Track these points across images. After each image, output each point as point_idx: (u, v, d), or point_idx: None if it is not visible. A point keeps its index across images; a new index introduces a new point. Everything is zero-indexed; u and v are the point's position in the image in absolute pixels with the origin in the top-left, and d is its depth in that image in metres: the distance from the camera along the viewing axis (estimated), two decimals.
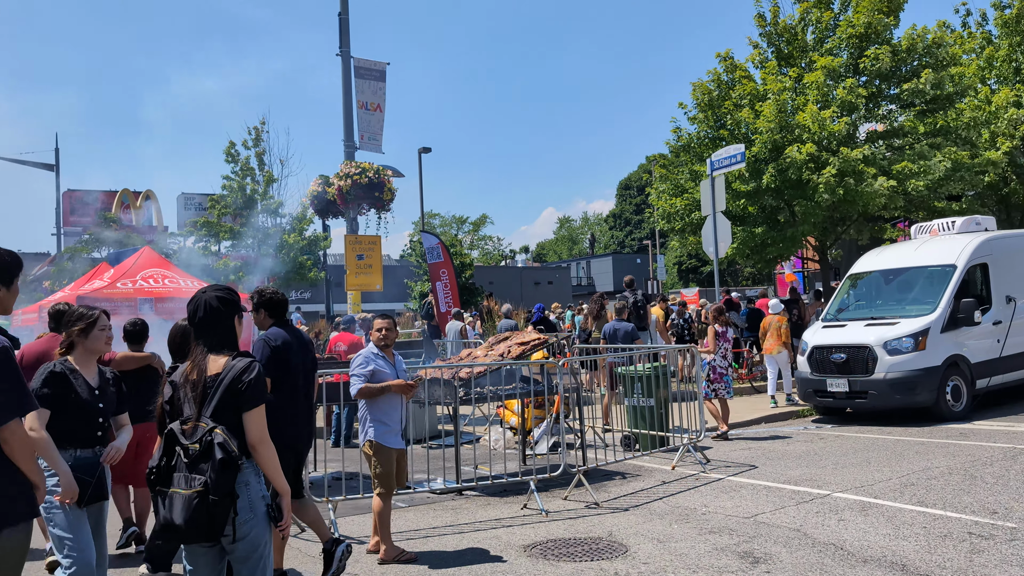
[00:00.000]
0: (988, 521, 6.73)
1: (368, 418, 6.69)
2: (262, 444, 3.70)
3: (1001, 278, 13.02)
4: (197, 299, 3.90)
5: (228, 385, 3.67)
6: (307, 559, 6.71)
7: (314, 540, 7.27)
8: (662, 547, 6.57)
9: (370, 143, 20.92)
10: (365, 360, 6.72)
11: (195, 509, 3.49)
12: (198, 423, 3.64)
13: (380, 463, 6.61)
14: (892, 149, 18.65)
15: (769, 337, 14.24)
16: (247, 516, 3.64)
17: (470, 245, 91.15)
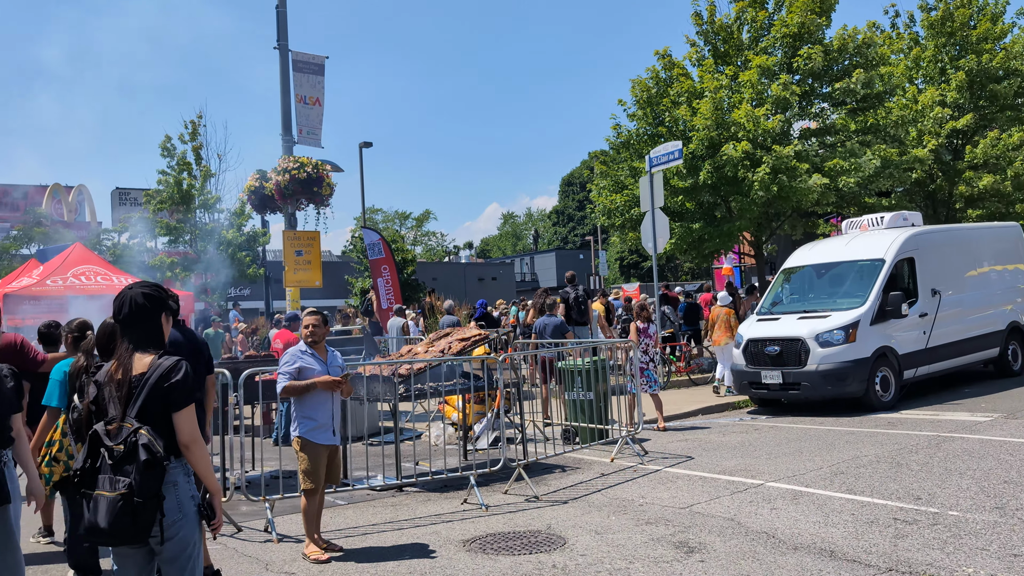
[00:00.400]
0: (912, 507, 6.97)
1: (295, 415, 6.68)
2: (194, 443, 3.65)
3: (927, 272, 13.45)
4: (123, 296, 3.82)
5: (154, 384, 3.61)
6: (243, 559, 6.64)
7: (249, 539, 7.21)
8: (600, 539, 6.66)
9: (309, 137, 20.68)
10: (292, 358, 6.72)
11: (120, 511, 3.43)
12: (123, 424, 3.57)
13: (306, 459, 6.60)
14: (824, 146, 19.11)
15: (717, 329, 14.68)
16: (175, 517, 3.59)
17: (413, 241, 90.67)
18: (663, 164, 16.90)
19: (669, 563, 5.93)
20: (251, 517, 7.85)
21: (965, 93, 22.13)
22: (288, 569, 6.29)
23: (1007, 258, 15.22)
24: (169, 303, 3.93)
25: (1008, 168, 21.23)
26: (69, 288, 15.61)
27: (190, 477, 3.70)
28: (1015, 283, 15.12)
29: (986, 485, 7.47)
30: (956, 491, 7.35)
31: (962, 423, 10.72)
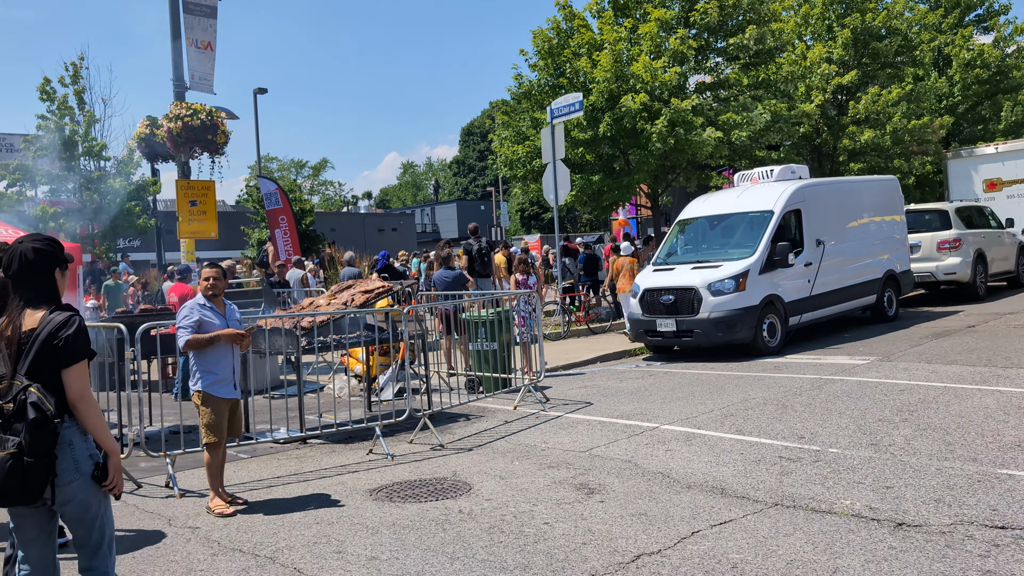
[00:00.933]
0: (796, 445, 7.42)
1: (196, 369, 6.62)
2: (82, 401, 3.55)
3: (812, 223, 14.09)
4: (12, 250, 3.69)
5: (44, 340, 3.51)
6: (144, 515, 6.58)
7: (150, 495, 7.14)
8: (504, 483, 6.86)
9: (201, 83, 19.92)
10: (191, 311, 6.64)
11: (8, 471, 3.36)
12: (12, 381, 3.49)
13: (208, 413, 6.58)
14: (718, 100, 19.60)
15: (621, 278, 15.29)
16: (71, 477, 3.53)
17: (310, 191, 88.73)
18: (564, 116, 17.03)
19: (571, 504, 6.17)
20: (151, 473, 7.74)
21: (850, 50, 23.00)
22: (192, 524, 6.27)
23: (885, 210, 16.06)
24: (63, 257, 3.79)
25: (887, 123, 22.27)
26: None
27: (88, 437, 3.63)
28: (891, 233, 16.00)
29: (863, 424, 8.00)
30: (836, 430, 7.86)
31: (842, 366, 11.40)
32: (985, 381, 9.54)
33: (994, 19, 28.53)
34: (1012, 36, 28.07)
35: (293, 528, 6.03)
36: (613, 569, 4.87)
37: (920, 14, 25.72)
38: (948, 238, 17.57)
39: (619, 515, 5.84)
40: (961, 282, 17.65)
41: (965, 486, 5.90)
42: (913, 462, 6.59)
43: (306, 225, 29.82)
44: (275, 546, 5.67)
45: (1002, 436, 7.15)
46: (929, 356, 11.53)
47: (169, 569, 5.35)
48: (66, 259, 3.82)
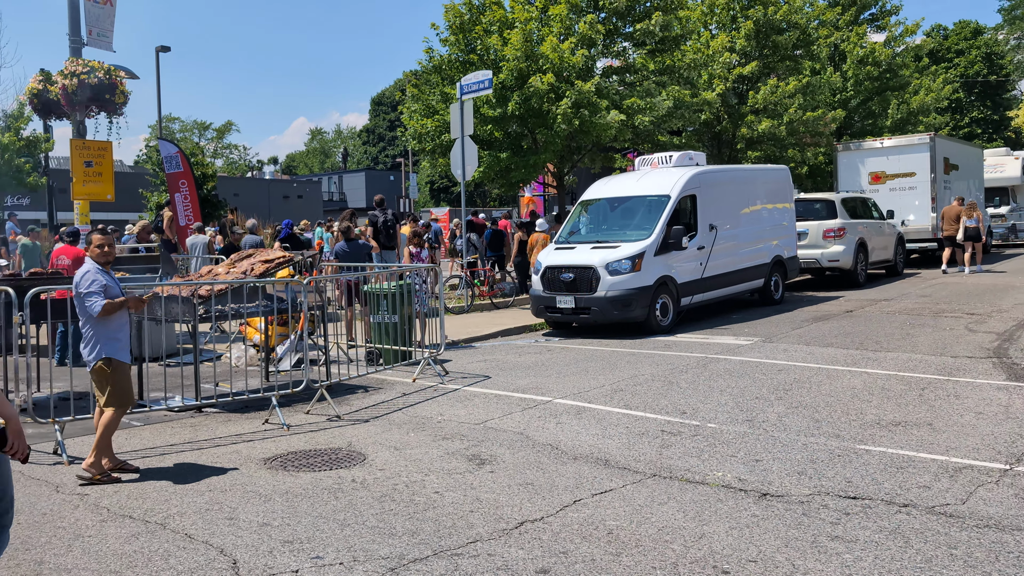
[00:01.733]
0: (678, 420, 7.84)
1: (100, 336, 6.56)
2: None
3: (707, 208, 14.64)
4: None
5: None
6: (31, 482, 6.51)
7: (38, 462, 7.04)
8: (398, 454, 7.05)
9: (99, 40, 19.11)
10: (94, 276, 6.56)
11: None
12: None
13: (119, 379, 6.57)
14: (624, 84, 20.03)
15: (535, 252, 15.78)
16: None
17: (213, 154, 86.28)
18: (474, 92, 17.15)
19: (462, 474, 6.41)
20: (39, 440, 7.61)
21: (752, 42, 23.80)
22: (80, 491, 6.25)
23: (776, 198, 16.80)
24: None
25: (784, 114, 23.19)
26: None
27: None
28: (781, 221, 16.76)
29: (741, 401, 8.49)
30: (716, 406, 8.32)
31: (727, 346, 11.97)
32: (856, 363, 10.21)
33: (886, 19, 29.94)
34: (902, 36, 29.53)
35: (185, 495, 6.08)
36: (497, 535, 5.13)
37: (819, 10, 26.77)
38: (833, 227, 18.51)
39: (507, 485, 6.10)
40: (844, 269, 18.65)
41: (826, 460, 6.39)
42: (783, 437, 7.07)
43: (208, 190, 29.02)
44: (166, 512, 5.72)
45: (864, 415, 7.73)
46: (808, 339, 12.23)
47: (56, 535, 5.35)
48: None
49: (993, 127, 55.52)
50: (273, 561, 4.85)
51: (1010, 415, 7.52)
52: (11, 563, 4.88)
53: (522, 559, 4.76)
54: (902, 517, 5.16)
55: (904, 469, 6.09)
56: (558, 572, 4.57)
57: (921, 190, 22.45)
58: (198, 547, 5.09)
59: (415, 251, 12.89)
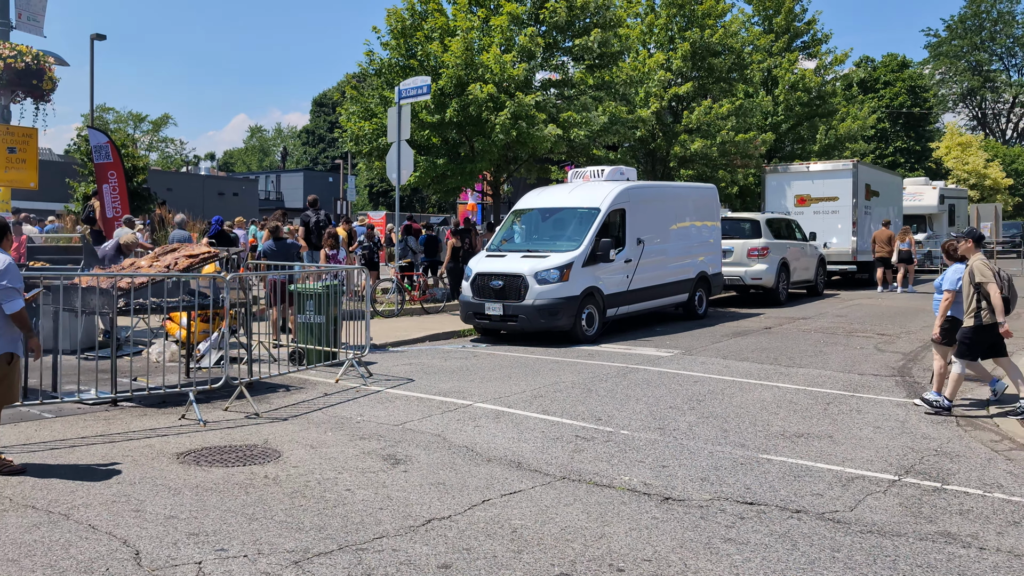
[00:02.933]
0: (592, 426, 8.03)
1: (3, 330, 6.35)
2: None
3: (635, 222, 14.96)
4: None
5: None
6: None
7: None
8: (314, 452, 7.08)
9: (29, 23, 18.66)
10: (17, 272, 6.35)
11: None
12: None
13: (15, 375, 6.45)
14: (562, 98, 20.33)
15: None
16: None
17: (148, 147, 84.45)
18: (412, 97, 17.24)
19: (375, 473, 6.48)
20: None
21: (688, 63, 24.38)
22: None
23: (704, 215, 17.25)
24: None
25: (717, 135, 23.78)
26: None
27: None
28: (707, 238, 17.21)
29: (655, 410, 8.73)
30: (630, 414, 8.53)
31: (648, 357, 12.25)
32: (768, 377, 10.56)
33: (817, 47, 30.97)
34: (832, 65, 30.56)
35: (92, 487, 6.02)
36: (404, 532, 5.22)
37: (754, 35, 27.55)
38: (757, 246, 19.06)
39: (419, 484, 6.20)
40: (766, 287, 19.20)
41: (729, 467, 6.64)
42: (691, 445, 7.31)
43: (138, 183, 28.47)
44: (71, 503, 5.66)
45: (770, 426, 8.03)
46: (726, 352, 12.59)
47: None
48: None
49: (916, 157, 57.70)
50: (177, 553, 4.85)
51: (905, 430, 7.90)
52: None
53: (425, 555, 4.86)
54: (793, 522, 5.41)
55: (801, 478, 6.37)
56: (460, 567, 4.68)
57: (843, 214, 23.25)
58: (100, 538, 5.07)
59: (331, 253, 12.92)
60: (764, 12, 30.58)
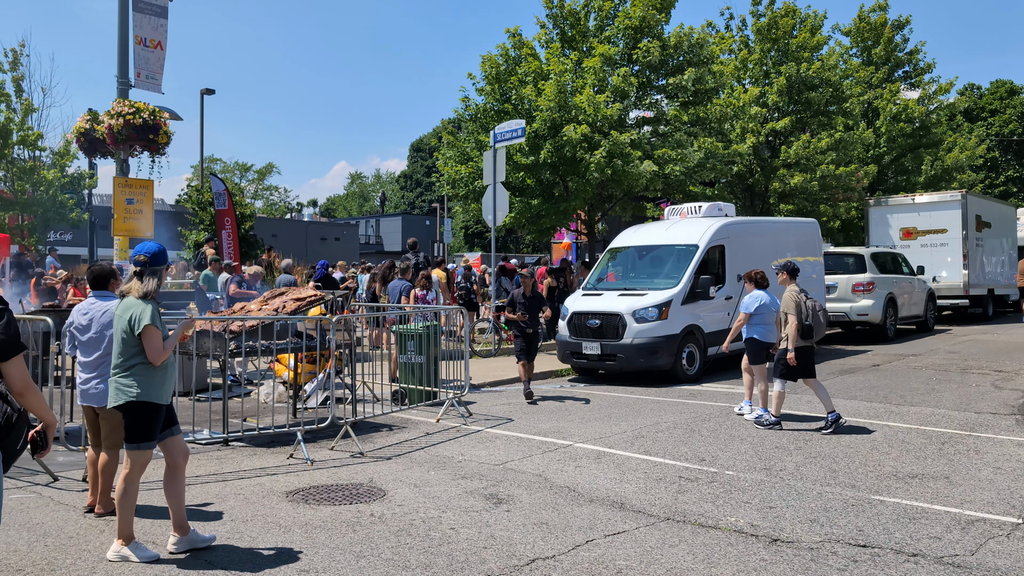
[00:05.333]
0: (696, 467, 7.89)
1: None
2: (28, 390, 3.70)
3: (735, 258, 14.74)
4: None
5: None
6: (59, 507, 6.71)
7: (66, 488, 7.26)
8: (418, 491, 7.16)
9: (148, 82, 19.85)
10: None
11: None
12: None
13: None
14: (656, 135, 20.31)
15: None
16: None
17: (254, 195, 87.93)
18: (507, 140, 17.51)
19: (478, 512, 6.51)
20: (68, 468, 7.84)
21: (784, 97, 24.02)
22: (107, 517, 6.42)
23: (806, 250, 16.85)
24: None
25: (816, 169, 23.28)
26: None
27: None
28: (810, 273, 16.78)
29: (761, 450, 8.51)
30: (735, 454, 8.35)
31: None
32: (878, 416, 10.18)
33: (920, 77, 30.06)
34: (936, 95, 29.59)
35: (207, 525, 6.22)
36: (508, 571, 5.22)
37: (852, 67, 26.95)
38: (863, 281, 18.47)
39: (522, 523, 6.20)
40: (873, 323, 18.56)
41: (840, 509, 6.41)
42: (798, 486, 7.09)
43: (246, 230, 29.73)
44: None
45: (882, 466, 7.72)
46: (833, 391, 12.17)
47: (81, 558, 5.52)
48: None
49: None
50: None
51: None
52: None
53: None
54: (910, 566, 5.17)
55: (917, 520, 6.09)
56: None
57: (953, 247, 22.35)
58: (217, 573, 5.24)
59: (421, 294, 13.12)
60: (863, 44, 29.94)
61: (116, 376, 5.59)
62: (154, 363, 5.52)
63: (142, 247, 5.71)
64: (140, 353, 5.53)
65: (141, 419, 5.56)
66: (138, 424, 5.56)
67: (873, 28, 29.67)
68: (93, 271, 6.81)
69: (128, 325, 5.52)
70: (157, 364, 5.54)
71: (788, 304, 9.62)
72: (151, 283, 5.60)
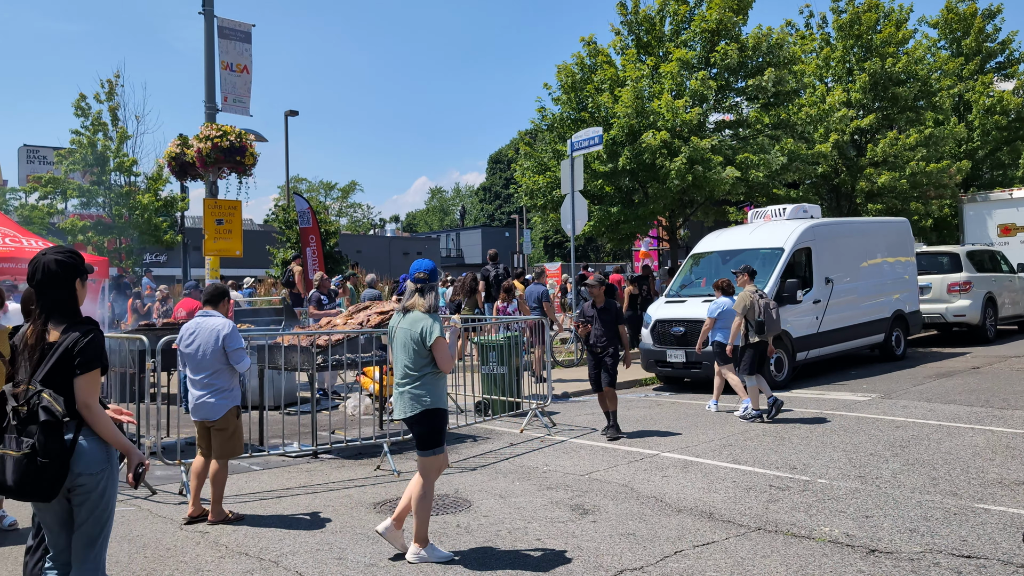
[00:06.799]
0: (787, 475, 7.67)
1: (232, 386, 6.86)
2: (86, 408, 3.77)
3: (822, 261, 14.33)
4: (37, 261, 3.89)
5: (64, 351, 3.74)
6: (157, 519, 6.93)
7: (164, 502, 7.50)
8: (503, 502, 7.16)
9: (236, 105, 20.46)
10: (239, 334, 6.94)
11: (25, 471, 3.62)
12: (28, 386, 3.73)
13: (240, 426, 6.92)
14: (737, 139, 19.95)
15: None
16: (83, 476, 3.76)
17: (338, 212, 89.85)
18: (584, 148, 17.44)
19: (564, 523, 6.46)
20: (166, 481, 8.09)
21: (869, 94, 23.29)
22: (202, 529, 6.60)
23: (896, 251, 16.28)
24: (83, 268, 3.99)
25: (905, 167, 22.48)
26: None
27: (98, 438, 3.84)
28: (902, 274, 16.20)
29: (854, 457, 8.23)
30: (828, 462, 8.09)
31: (843, 402, 11.60)
32: (979, 420, 9.73)
33: (1015, 67, 28.76)
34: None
35: (298, 536, 6.35)
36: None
37: (941, 60, 25.98)
38: (958, 281, 17.73)
39: (608, 534, 6.12)
40: (971, 324, 17.79)
41: (941, 518, 6.14)
42: (896, 494, 6.82)
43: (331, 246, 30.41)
44: (279, 551, 5.99)
45: (985, 473, 7.37)
46: (929, 395, 11.72)
47: (179, 569, 5.69)
48: (86, 270, 4.04)
49: None
50: None
51: None
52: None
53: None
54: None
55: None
56: None
57: None
58: None
59: (502, 306, 13.13)
60: (951, 35, 28.82)
61: (409, 387, 5.81)
62: (445, 371, 5.79)
63: (420, 265, 5.96)
64: (430, 363, 5.77)
65: (435, 426, 5.82)
66: (432, 431, 5.81)
67: (962, 19, 28.52)
68: (210, 290, 7.07)
69: (420, 337, 5.74)
70: (447, 372, 5.82)
71: (739, 303, 10.72)
72: (431, 298, 5.87)
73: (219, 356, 6.74)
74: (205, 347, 6.74)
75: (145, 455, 7.98)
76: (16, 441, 3.65)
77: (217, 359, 6.75)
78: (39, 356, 3.75)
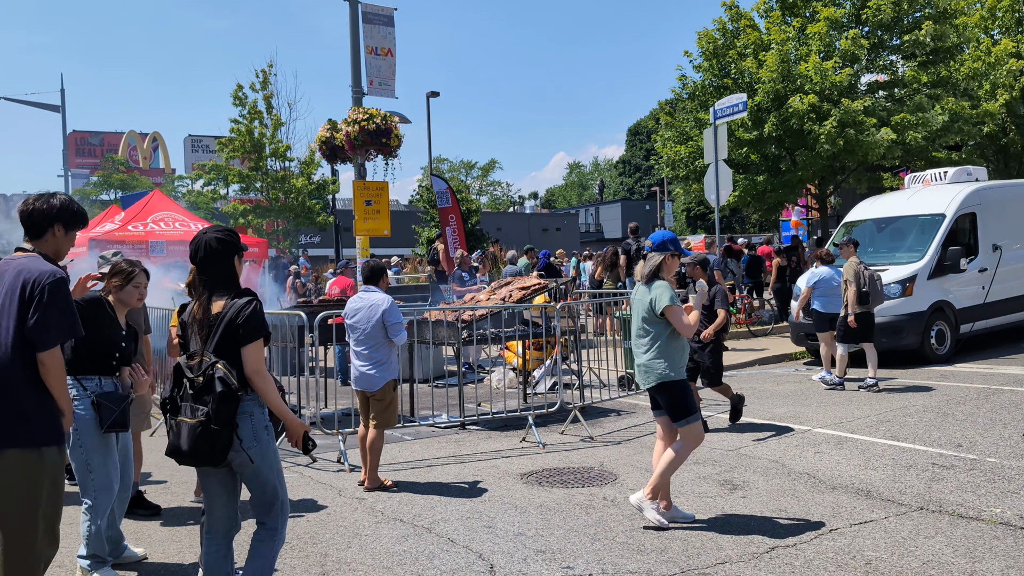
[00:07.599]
0: (952, 453, 7.26)
1: (390, 359, 7.11)
2: (257, 375, 4.00)
3: (988, 227, 13.39)
4: (198, 240, 4.15)
5: (228, 322, 3.99)
6: (318, 486, 7.29)
7: (324, 469, 7.88)
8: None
9: (381, 88, 21.02)
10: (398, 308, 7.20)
11: (199, 437, 3.89)
12: (202, 358, 4.00)
13: (395, 400, 7.18)
14: (893, 100, 18.85)
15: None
16: (250, 443, 4.02)
17: (479, 191, 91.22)
18: (727, 116, 16.95)
19: (712, 498, 6.37)
20: (325, 450, 8.47)
21: None
22: (359, 495, 6.90)
23: None
24: (240, 245, 4.25)
25: None
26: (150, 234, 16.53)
27: (264, 409, 4.11)
28: None
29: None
30: (997, 440, 7.60)
31: (1014, 376, 10.84)
32: None
33: None
34: None
35: (449, 504, 6.54)
36: (747, 558, 5.06)
37: None
38: None
39: (759, 510, 5.99)
40: None
41: None
42: None
43: (472, 224, 30.93)
44: (432, 518, 6.19)
45: None
46: None
47: (339, 532, 5.97)
48: (242, 247, 4.29)
49: None
50: (527, 568, 5.11)
51: None
52: (301, 554, 5.53)
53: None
54: None
55: None
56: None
57: None
58: (459, 551, 5.48)
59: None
60: None
61: (642, 357, 5.95)
62: (686, 335, 5.87)
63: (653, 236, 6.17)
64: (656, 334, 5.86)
65: (673, 396, 5.84)
66: (672, 402, 5.85)
67: None
68: (367, 267, 7.37)
69: (649, 305, 5.88)
70: (688, 336, 5.90)
71: (848, 273, 10.51)
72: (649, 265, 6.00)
73: (379, 329, 7.03)
74: (367, 321, 7.05)
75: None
76: (191, 409, 3.93)
77: (378, 332, 7.04)
78: (208, 328, 4.01)
